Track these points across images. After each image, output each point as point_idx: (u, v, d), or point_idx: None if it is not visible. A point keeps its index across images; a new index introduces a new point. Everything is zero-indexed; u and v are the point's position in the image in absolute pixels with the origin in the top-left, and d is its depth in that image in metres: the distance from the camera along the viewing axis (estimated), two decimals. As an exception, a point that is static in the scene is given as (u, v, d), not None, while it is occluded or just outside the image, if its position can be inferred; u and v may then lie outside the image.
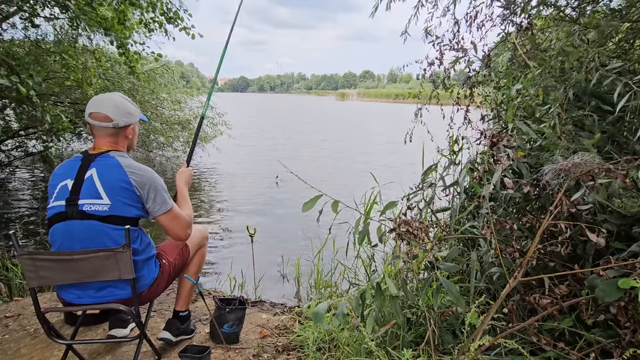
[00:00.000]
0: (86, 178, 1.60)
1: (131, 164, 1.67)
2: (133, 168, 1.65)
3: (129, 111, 1.75)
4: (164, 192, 1.71)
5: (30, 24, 4.73)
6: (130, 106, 1.77)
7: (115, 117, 1.69)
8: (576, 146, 1.58)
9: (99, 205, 1.58)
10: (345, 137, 17.24)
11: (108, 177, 1.61)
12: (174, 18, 4.90)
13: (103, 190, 1.59)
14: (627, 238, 1.53)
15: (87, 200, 1.58)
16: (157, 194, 1.68)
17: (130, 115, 1.75)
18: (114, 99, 1.73)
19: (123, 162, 1.65)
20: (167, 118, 8.85)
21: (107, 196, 1.59)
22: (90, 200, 1.58)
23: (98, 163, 1.63)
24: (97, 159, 1.64)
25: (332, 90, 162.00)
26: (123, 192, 1.61)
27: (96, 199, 1.58)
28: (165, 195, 1.71)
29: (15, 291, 2.93)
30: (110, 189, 1.60)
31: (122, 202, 1.61)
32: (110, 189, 1.60)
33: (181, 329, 2.10)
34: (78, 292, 1.64)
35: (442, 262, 1.65)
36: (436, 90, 2.74)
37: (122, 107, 1.72)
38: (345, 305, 1.52)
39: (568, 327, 1.48)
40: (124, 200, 1.61)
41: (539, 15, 2.44)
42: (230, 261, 3.82)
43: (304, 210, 1.64)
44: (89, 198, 1.58)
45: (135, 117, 1.78)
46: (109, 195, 1.59)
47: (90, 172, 1.61)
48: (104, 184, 1.59)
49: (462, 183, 1.87)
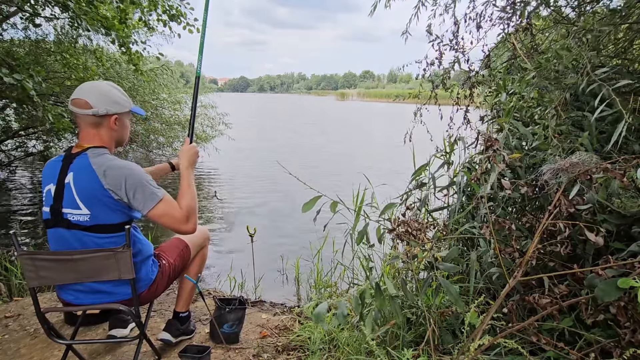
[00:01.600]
0: (66, 183, 1.51)
1: (103, 162, 1.52)
2: (105, 168, 1.51)
3: (114, 100, 1.60)
4: (146, 185, 1.54)
5: (31, 23, 4.74)
6: (117, 95, 1.63)
7: (95, 104, 1.55)
8: (571, 145, 1.58)
9: (79, 215, 1.51)
10: (345, 137, 17.23)
11: (82, 183, 1.50)
12: (176, 15, 4.89)
13: (79, 199, 1.50)
14: (627, 238, 1.54)
15: (68, 210, 1.52)
16: (136, 191, 1.52)
17: (115, 104, 1.60)
18: (99, 86, 1.61)
19: (95, 163, 1.52)
20: (167, 118, 8.86)
21: (85, 206, 1.50)
22: (71, 210, 1.51)
23: (75, 166, 1.53)
24: (75, 160, 1.54)
25: (332, 90, 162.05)
26: (99, 199, 1.50)
27: (76, 209, 1.51)
28: (148, 188, 1.54)
29: (15, 291, 2.93)
30: (86, 197, 1.50)
31: (102, 210, 1.51)
32: (85, 198, 1.50)
33: (181, 329, 2.10)
34: (76, 294, 1.63)
35: (442, 262, 1.65)
36: (435, 91, 2.75)
37: (105, 95, 1.58)
38: (345, 305, 1.52)
39: (568, 327, 1.48)
40: (103, 208, 1.51)
41: (538, 15, 2.45)
42: (230, 261, 3.82)
43: (303, 210, 1.64)
44: (70, 207, 1.51)
45: (121, 107, 1.63)
46: (86, 205, 1.50)
47: (68, 178, 1.52)
48: (79, 192, 1.50)
49: (459, 183, 1.87)
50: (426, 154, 2.26)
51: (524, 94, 2.09)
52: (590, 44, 1.84)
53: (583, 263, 1.55)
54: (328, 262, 3.26)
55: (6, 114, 6.38)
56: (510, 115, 2.02)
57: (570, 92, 1.75)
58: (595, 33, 1.82)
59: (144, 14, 4.93)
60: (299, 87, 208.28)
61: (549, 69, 1.88)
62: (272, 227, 5.53)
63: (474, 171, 1.81)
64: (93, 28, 4.06)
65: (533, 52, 2.23)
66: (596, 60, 1.75)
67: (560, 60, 1.80)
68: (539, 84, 1.89)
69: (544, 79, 1.87)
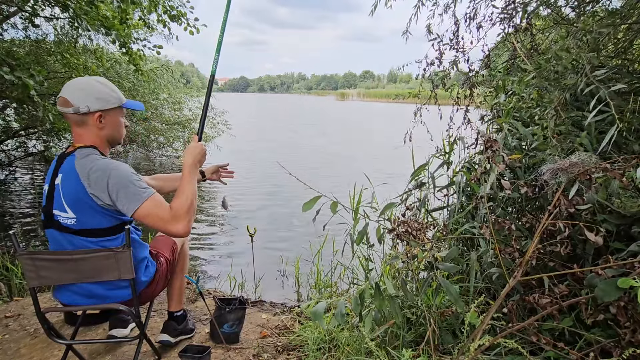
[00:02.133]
0: (56, 185, 1.49)
1: (87, 165, 1.46)
2: (88, 170, 1.45)
3: (97, 96, 1.50)
4: (129, 186, 1.45)
5: (31, 24, 4.74)
6: (102, 90, 1.52)
7: (75, 102, 1.46)
8: (570, 145, 1.59)
9: (67, 218, 1.48)
10: (345, 137, 17.23)
11: (67, 187, 1.47)
12: (177, 16, 4.89)
13: (65, 203, 1.47)
14: (627, 238, 1.54)
15: (57, 212, 1.49)
16: (119, 192, 1.44)
17: (97, 100, 1.50)
18: (82, 81, 1.52)
19: (79, 165, 1.46)
20: (167, 118, 8.87)
21: (71, 210, 1.47)
22: (60, 212, 1.49)
23: (64, 166, 1.50)
24: (65, 161, 1.51)
25: (332, 90, 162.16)
26: (84, 203, 1.46)
27: (64, 212, 1.48)
28: (131, 188, 1.45)
29: (15, 291, 2.93)
30: (71, 202, 1.46)
31: (88, 214, 1.47)
32: (71, 202, 1.46)
33: (179, 329, 2.09)
34: (72, 296, 1.62)
35: (442, 262, 1.65)
36: (435, 90, 2.75)
37: (87, 91, 1.49)
38: (344, 305, 1.52)
39: (568, 327, 1.48)
40: (89, 212, 1.47)
41: (538, 15, 2.45)
42: (230, 261, 3.82)
43: (303, 210, 1.64)
44: (59, 210, 1.49)
45: (105, 103, 1.52)
46: (72, 209, 1.47)
47: (58, 179, 1.49)
48: (65, 195, 1.47)
49: (459, 182, 1.87)
50: (426, 154, 2.26)
51: (524, 95, 2.09)
52: (590, 45, 1.85)
53: (583, 263, 1.55)
54: (328, 262, 3.26)
55: (6, 114, 6.38)
56: (510, 116, 2.02)
57: (570, 92, 1.75)
58: (594, 34, 1.82)
59: (144, 14, 4.93)
60: (299, 87, 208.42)
61: (548, 69, 1.89)
62: (272, 227, 5.52)
63: (473, 171, 1.81)
64: (93, 28, 4.07)
65: (533, 52, 2.23)
66: (596, 61, 1.75)
67: (559, 61, 1.80)
68: (539, 85, 1.89)
69: (544, 79, 1.87)
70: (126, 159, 9.09)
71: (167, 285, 1.97)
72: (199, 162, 1.69)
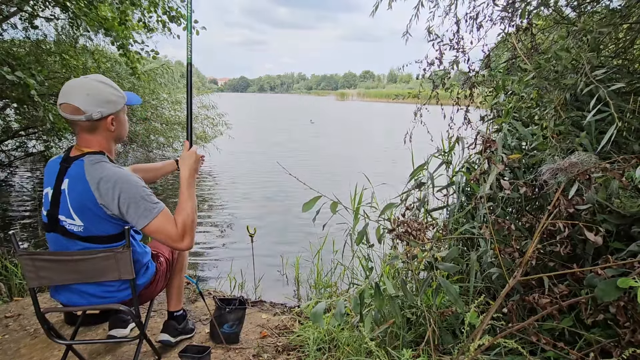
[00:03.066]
0: (62, 190, 1.46)
1: (98, 173, 1.44)
2: (99, 180, 1.43)
3: (106, 99, 1.47)
4: (140, 202, 1.45)
5: (30, 24, 4.74)
6: (108, 92, 1.49)
7: (87, 109, 1.43)
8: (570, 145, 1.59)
9: (74, 225, 1.47)
10: (345, 137, 17.23)
11: (75, 194, 1.44)
12: (176, 17, 4.89)
13: (72, 209, 1.45)
14: (627, 238, 1.54)
15: (63, 218, 1.47)
16: (129, 207, 1.44)
17: (108, 103, 1.48)
18: (87, 85, 1.46)
19: (89, 173, 1.44)
20: (167, 118, 8.87)
21: (78, 217, 1.45)
22: (65, 218, 1.47)
23: (71, 171, 1.46)
24: (72, 166, 1.47)
25: (332, 90, 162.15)
26: (92, 212, 1.44)
27: (70, 219, 1.46)
28: (142, 204, 1.45)
29: (15, 291, 2.93)
30: (79, 208, 1.44)
31: (96, 222, 1.46)
32: (78, 209, 1.44)
33: (179, 328, 2.09)
34: (70, 296, 1.62)
35: (442, 262, 1.65)
36: (435, 90, 2.75)
37: (96, 96, 1.45)
38: (343, 305, 1.52)
39: (568, 327, 1.48)
40: (96, 220, 1.46)
41: (538, 14, 2.45)
42: (230, 261, 3.82)
43: (303, 210, 1.64)
44: (65, 216, 1.47)
45: (116, 105, 1.51)
46: (80, 216, 1.45)
47: (64, 184, 1.46)
48: (72, 202, 1.44)
49: (459, 182, 1.87)
50: (426, 153, 2.26)
51: (524, 95, 2.09)
52: (590, 45, 1.85)
53: (583, 263, 1.55)
54: (328, 262, 3.26)
55: (6, 114, 6.38)
56: (510, 116, 2.03)
57: (570, 92, 1.75)
58: (595, 34, 1.82)
59: (144, 15, 4.93)
60: (299, 87, 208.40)
61: (548, 69, 1.89)
62: (272, 227, 5.53)
63: (473, 171, 1.81)
64: (92, 29, 4.07)
65: (533, 52, 2.23)
66: (595, 61, 1.75)
67: (559, 61, 1.80)
68: (539, 84, 1.89)
69: (544, 79, 1.87)
70: (126, 159, 9.10)
71: (166, 285, 1.98)
72: (195, 171, 1.67)
